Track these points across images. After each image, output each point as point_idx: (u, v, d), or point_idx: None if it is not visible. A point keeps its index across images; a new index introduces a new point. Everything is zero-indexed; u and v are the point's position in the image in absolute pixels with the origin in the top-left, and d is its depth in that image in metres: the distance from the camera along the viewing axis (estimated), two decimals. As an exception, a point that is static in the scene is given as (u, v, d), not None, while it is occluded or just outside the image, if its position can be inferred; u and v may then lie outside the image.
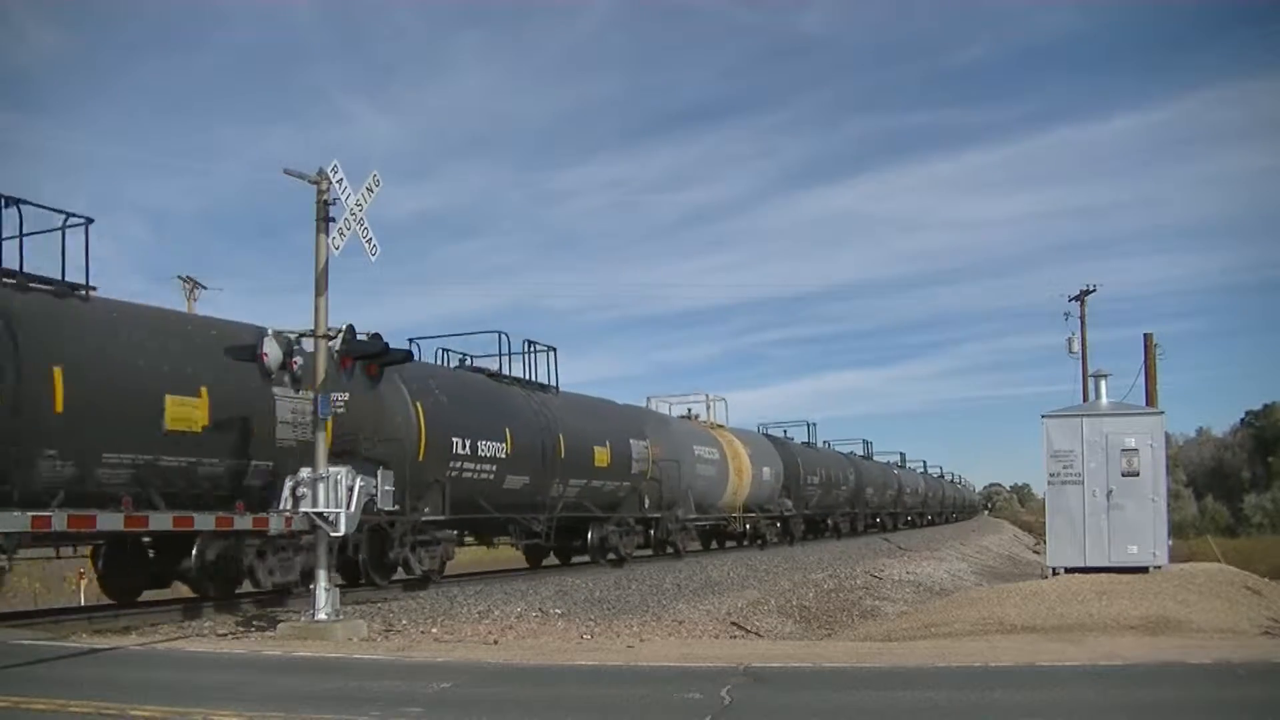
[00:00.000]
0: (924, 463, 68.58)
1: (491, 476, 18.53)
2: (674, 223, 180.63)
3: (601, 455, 22.25)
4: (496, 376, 20.79)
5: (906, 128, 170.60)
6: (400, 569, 17.06)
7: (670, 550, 26.12)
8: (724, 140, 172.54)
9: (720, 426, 31.27)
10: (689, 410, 31.44)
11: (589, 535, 22.32)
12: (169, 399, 12.80)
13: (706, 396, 32.41)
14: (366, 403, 15.40)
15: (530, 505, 19.92)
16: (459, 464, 17.67)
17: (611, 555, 22.89)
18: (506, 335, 21.24)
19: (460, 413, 18.06)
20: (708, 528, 30.14)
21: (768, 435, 36.75)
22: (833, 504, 40.52)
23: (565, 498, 20.87)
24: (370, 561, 16.18)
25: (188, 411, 13.01)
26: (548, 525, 20.33)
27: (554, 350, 22.20)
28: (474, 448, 18.06)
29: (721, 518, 29.73)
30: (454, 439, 17.59)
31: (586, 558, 23.02)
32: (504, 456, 18.77)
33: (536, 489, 19.94)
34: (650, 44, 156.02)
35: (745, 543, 32.18)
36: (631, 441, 23.71)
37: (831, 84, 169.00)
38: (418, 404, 16.90)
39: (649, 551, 25.60)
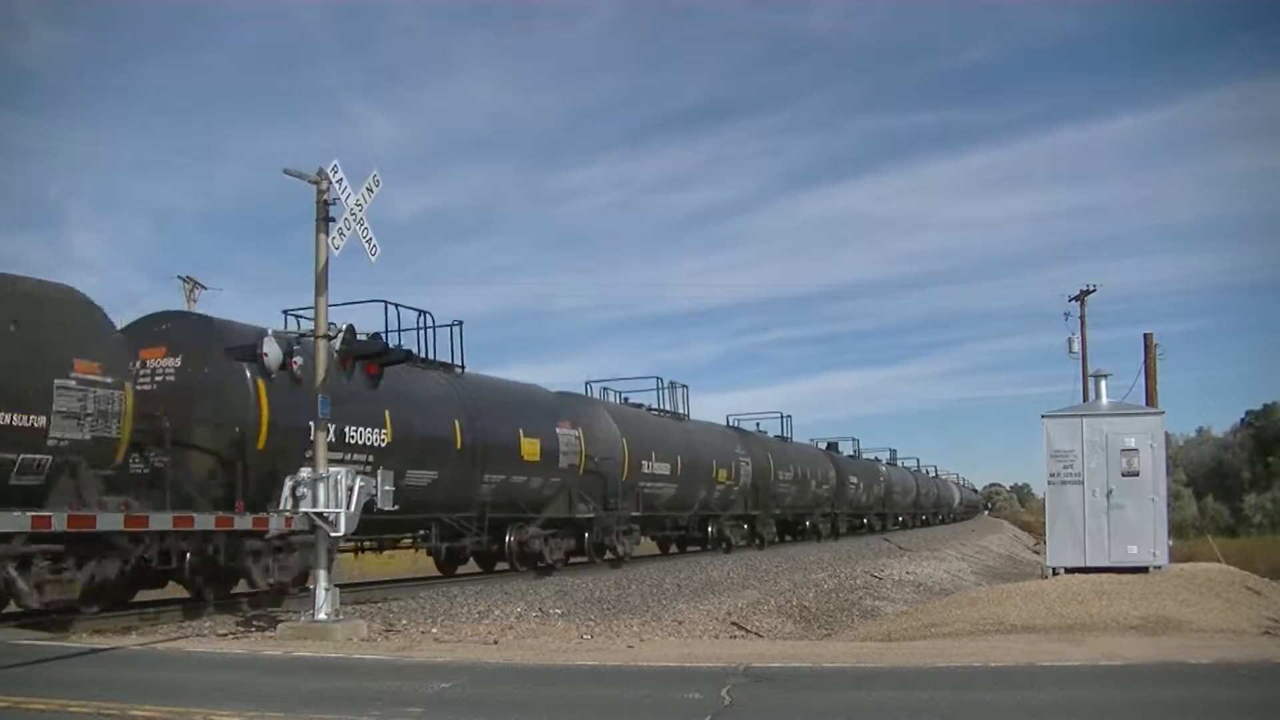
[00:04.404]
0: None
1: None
2: (676, 223, 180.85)
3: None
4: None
5: (908, 128, 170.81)
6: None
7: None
8: (726, 141, 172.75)
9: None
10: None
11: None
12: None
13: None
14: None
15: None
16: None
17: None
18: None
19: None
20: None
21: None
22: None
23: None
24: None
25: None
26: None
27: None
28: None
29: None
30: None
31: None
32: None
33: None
34: (654, 45, 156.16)
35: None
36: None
37: (834, 85, 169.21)
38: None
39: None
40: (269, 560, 14.61)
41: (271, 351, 12.27)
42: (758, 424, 36.62)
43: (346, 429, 15.47)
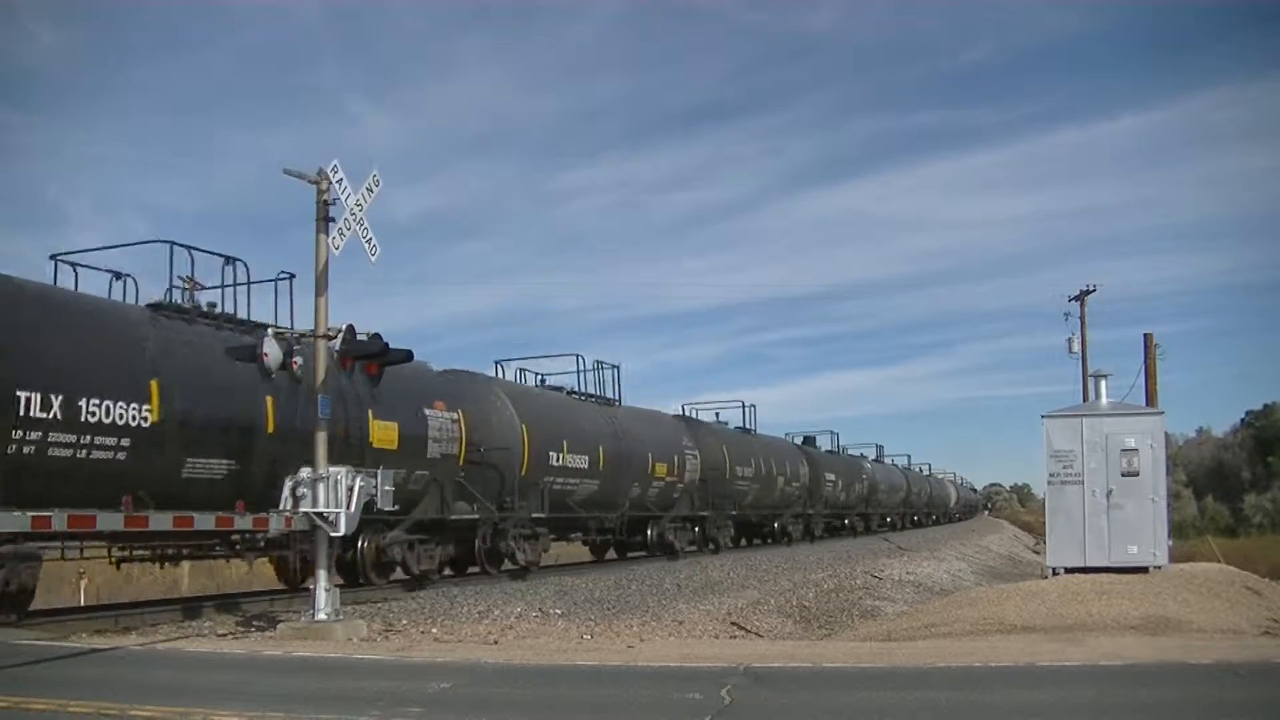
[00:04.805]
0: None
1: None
2: (677, 223, 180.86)
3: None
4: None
5: (909, 128, 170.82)
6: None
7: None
8: (727, 141, 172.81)
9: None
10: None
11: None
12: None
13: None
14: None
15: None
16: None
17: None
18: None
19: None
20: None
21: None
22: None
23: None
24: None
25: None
26: None
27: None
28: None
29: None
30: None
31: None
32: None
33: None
34: (654, 45, 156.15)
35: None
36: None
37: (835, 85, 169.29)
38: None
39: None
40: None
41: (271, 352, 12.28)
42: (717, 414, 32.57)
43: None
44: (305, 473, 12.11)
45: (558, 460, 21.01)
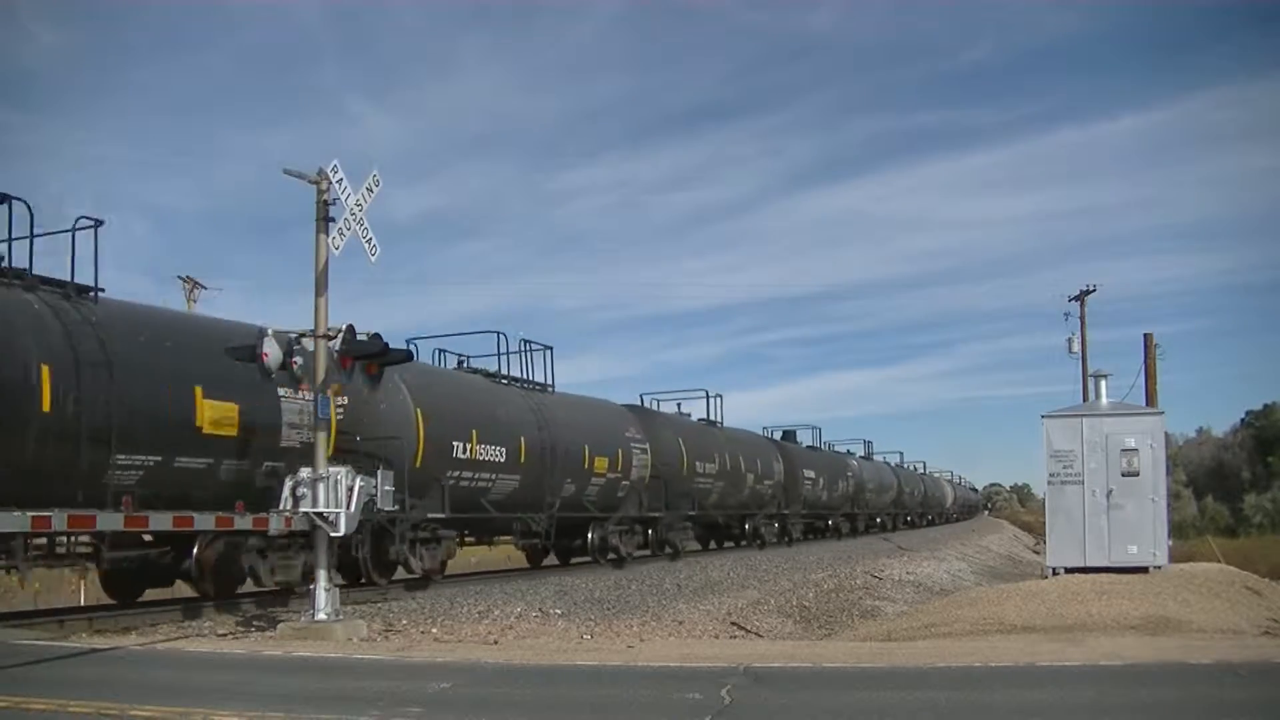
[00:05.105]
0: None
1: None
2: (677, 223, 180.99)
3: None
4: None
5: (909, 128, 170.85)
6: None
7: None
8: (727, 141, 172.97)
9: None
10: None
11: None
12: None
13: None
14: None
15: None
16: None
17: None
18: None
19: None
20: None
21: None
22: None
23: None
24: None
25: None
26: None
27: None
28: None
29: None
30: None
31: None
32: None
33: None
34: (654, 45, 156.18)
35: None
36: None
37: (835, 85, 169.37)
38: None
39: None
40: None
41: (272, 351, 12.27)
42: (679, 405, 29.08)
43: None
44: (305, 473, 12.11)
45: (465, 452, 18.16)
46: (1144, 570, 17.91)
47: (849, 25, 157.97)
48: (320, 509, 11.94)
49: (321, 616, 11.90)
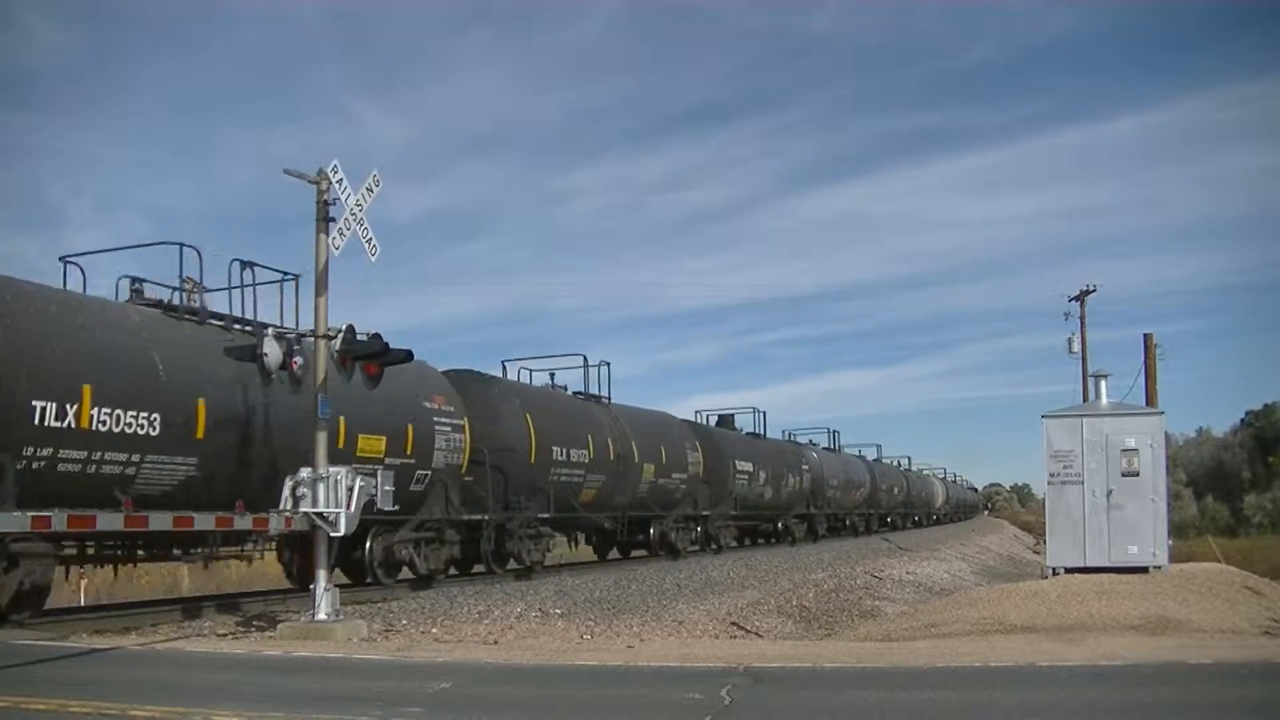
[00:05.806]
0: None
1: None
2: (677, 223, 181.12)
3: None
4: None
5: (908, 128, 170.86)
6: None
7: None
8: (728, 141, 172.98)
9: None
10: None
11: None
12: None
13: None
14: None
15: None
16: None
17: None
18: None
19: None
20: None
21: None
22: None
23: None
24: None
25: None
26: None
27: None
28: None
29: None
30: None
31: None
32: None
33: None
34: (654, 45, 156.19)
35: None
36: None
37: (835, 85, 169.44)
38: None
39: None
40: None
41: (271, 351, 12.27)
42: (552, 376, 23.91)
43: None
44: (305, 473, 12.10)
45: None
46: (1144, 570, 17.90)
47: (849, 25, 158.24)
48: (320, 509, 11.94)
49: (321, 616, 11.90)
